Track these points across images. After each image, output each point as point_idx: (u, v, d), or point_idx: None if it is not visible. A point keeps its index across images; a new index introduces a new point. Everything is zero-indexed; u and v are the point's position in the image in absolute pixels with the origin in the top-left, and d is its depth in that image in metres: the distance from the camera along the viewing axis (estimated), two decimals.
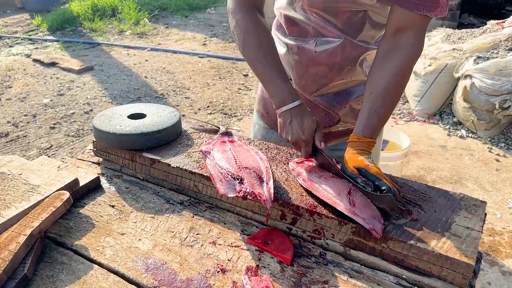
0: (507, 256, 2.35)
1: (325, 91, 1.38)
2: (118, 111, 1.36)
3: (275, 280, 0.90)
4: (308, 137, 1.18)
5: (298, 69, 1.36)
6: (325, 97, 1.39)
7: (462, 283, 0.87)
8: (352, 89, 1.38)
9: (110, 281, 0.90)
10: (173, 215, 1.10)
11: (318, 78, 1.34)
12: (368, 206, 0.97)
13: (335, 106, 1.40)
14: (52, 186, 1.11)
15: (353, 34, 1.24)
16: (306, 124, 1.18)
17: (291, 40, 1.33)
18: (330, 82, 1.34)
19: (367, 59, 1.31)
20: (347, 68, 1.31)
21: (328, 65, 1.30)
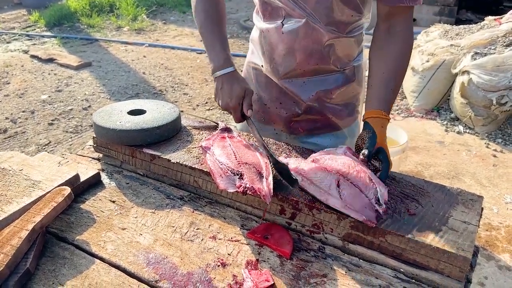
0: (504, 250, 2.37)
1: (294, 76, 1.38)
2: (118, 107, 1.36)
3: (275, 274, 0.91)
4: (235, 104, 1.25)
5: (268, 52, 1.39)
6: (293, 83, 1.39)
7: (459, 276, 0.88)
8: (322, 78, 1.38)
9: (112, 275, 0.91)
10: (173, 210, 1.11)
11: (286, 61, 1.35)
12: (358, 196, 0.97)
13: (302, 94, 1.39)
14: (53, 181, 1.12)
15: (322, 19, 1.25)
16: (234, 91, 1.25)
17: (263, 24, 1.36)
18: (297, 67, 1.35)
19: (336, 48, 1.31)
20: (313, 52, 1.31)
21: (295, 48, 1.31)
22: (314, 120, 1.46)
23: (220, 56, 1.30)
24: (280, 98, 1.43)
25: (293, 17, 1.27)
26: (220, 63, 1.29)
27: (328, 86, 1.39)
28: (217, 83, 1.30)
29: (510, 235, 2.49)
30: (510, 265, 2.27)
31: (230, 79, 1.28)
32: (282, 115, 1.46)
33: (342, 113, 1.46)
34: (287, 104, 1.44)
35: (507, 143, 3.53)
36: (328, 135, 1.49)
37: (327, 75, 1.38)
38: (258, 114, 1.54)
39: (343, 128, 1.49)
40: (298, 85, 1.39)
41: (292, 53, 1.32)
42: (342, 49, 1.33)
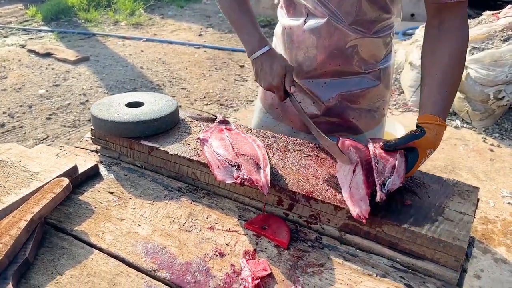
0: (500, 244, 2.39)
1: (315, 76, 1.35)
2: (116, 100, 1.37)
3: (272, 263, 0.92)
4: (278, 83, 1.22)
5: (289, 50, 1.36)
6: (314, 83, 1.36)
7: (455, 265, 0.89)
8: (344, 80, 1.35)
9: (110, 265, 0.92)
10: (171, 201, 1.12)
11: (307, 60, 1.32)
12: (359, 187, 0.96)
13: (322, 95, 1.37)
14: (51, 173, 1.12)
15: (346, 18, 1.22)
16: (275, 70, 1.22)
17: (286, 20, 1.34)
18: (318, 67, 1.32)
19: (360, 48, 1.27)
20: (335, 52, 1.28)
21: (316, 47, 1.28)
22: (333, 122, 1.42)
23: (253, 37, 1.28)
24: (299, 96, 1.40)
25: (315, 15, 1.25)
26: (255, 44, 1.27)
27: (350, 88, 1.35)
28: (256, 65, 1.28)
29: (506, 229, 2.51)
30: (506, 258, 2.29)
31: (268, 58, 1.25)
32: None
33: (365, 116, 1.42)
34: (306, 104, 1.40)
35: (504, 137, 3.54)
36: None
37: (350, 77, 1.34)
38: (276, 111, 1.51)
39: (365, 132, 1.45)
40: (319, 86, 1.35)
41: (313, 52, 1.30)
42: (367, 50, 1.29)
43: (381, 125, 1.49)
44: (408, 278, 0.89)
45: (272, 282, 0.87)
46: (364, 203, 0.92)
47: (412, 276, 0.89)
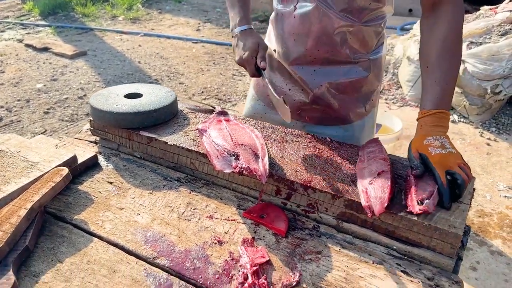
0: (496, 236, 2.41)
1: (304, 63, 1.35)
2: (115, 91, 1.37)
3: (270, 251, 0.93)
4: (248, 57, 1.26)
5: (280, 36, 1.38)
6: (303, 70, 1.36)
7: (451, 252, 0.90)
8: (333, 68, 1.34)
9: (110, 252, 0.93)
10: (170, 191, 1.13)
11: (296, 46, 1.33)
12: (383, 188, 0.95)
13: (311, 82, 1.37)
14: (50, 162, 1.12)
15: (336, 4, 1.21)
16: (248, 45, 1.27)
17: (279, 6, 1.36)
18: (307, 53, 1.32)
19: (350, 36, 1.27)
20: (323, 39, 1.28)
21: (305, 33, 1.29)
22: (322, 111, 1.43)
23: (237, 15, 1.34)
24: (290, 84, 1.42)
25: (306, 1, 1.26)
26: (236, 21, 1.33)
27: (339, 77, 1.35)
28: (234, 40, 1.34)
29: (502, 221, 2.53)
30: (502, 250, 2.31)
31: (244, 35, 1.30)
32: (290, 102, 1.42)
33: (353, 106, 1.42)
34: (295, 91, 1.42)
35: (501, 132, 3.56)
36: (336, 128, 1.45)
37: (339, 66, 1.34)
38: (267, 99, 1.52)
39: (353, 122, 1.45)
40: (308, 73, 1.36)
41: (302, 38, 1.30)
42: (356, 39, 1.28)
43: (370, 116, 1.49)
44: (405, 265, 0.90)
45: (270, 269, 0.88)
46: (381, 204, 0.91)
47: (408, 263, 0.91)
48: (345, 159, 1.15)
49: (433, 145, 1.00)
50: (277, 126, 1.34)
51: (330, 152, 1.19)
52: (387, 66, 4.54)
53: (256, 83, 1.58)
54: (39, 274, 0.88)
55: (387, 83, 4.38)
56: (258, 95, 1.58)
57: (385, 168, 1.01)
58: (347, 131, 1.45)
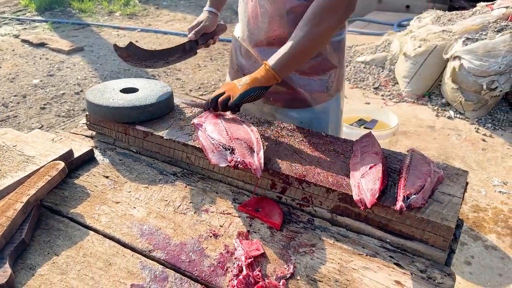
0: (490, 231, 2.43)
1: (266, 44, 1.42)
2: (111, 85, 1.37)
3: (265, 244, 0.94)
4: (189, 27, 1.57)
5: (242, 20, 1.46)
6: (266, 51, 1.41)
7: (443, 245, 0.92)
8: None
9: (106, 245, 0.94)
10: (166, 185, 1.13)
11: (256, 29, 1.41)
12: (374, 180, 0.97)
13: None
14: (47, 157, 1.13)
15: None
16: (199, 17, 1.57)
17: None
18: (266, 34, 1.39)
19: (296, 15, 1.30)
20: (276, 19, 1.34)
21: (261, 14, 1.36)
22: (288, 93, 1.48)
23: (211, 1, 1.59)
24: (256, 68, 1.44)
25: None
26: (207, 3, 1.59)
27: None
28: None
29: (497, 216, 2.55)
30: (496, 245, 2.32)
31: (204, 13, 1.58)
32: None
33: (317, 88, 1.47)
34: None
35: (496, 127, 3.58)
36: (303, 110, 1.50)
37: None
38: None
39: (317, 105, 1.49)
40: (270, 55, 1.35)
41: (260, 20, 1.38)
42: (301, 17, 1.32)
43: (335, 100, 1.53)
44: (398, 258, 0.91)
45: (265, 261, 0.89)
46: (372, 195, 0.93)
47: (401, 255, 0.92)
48: (340, 153, 1.16)
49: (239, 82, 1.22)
50: (274, 121, 1.35)
51: (325, 146, 1.19)
52: (384, 62, 4.55)
53: (233, 71, 1.65)
54: (35, 266, 0.88)
55: (383, 79, 4.39)
56: None
57: (377, 162, 1.02)
58: (313, 114, 1.50)
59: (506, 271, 2.16)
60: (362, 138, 1.20)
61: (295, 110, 1.50)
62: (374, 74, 4.51)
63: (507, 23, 3.70)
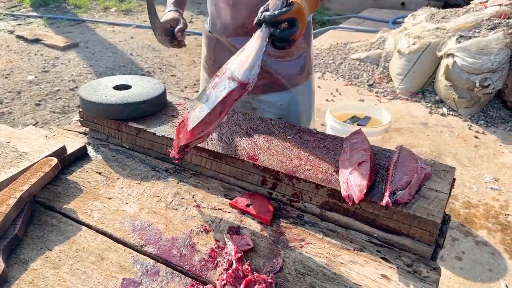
0: (481, 227, 2.46)
1: (241, 34, 1.45)
2: (104, 82, 1.38)
3: (255, 239, 0.95)
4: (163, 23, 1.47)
5: (216, 11, 1.48)
6: (240, 41, 1.45)
7: (429, 240, 0.94)
8: None
9: (98, 240, 0.95)
10: (158, 181, 1.15)
11: (232, 18, 1.43)
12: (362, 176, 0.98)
13: None
14: (40, 153, 1.14)
15: None
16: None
17: None
18: (244, 22, 1.42)
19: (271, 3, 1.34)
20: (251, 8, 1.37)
21: (237, 4, 1.40)
22: (264, 78, 1.52)
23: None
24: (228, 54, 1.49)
25: None
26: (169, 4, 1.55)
27: None
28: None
29: (488, 213, 2.58)
30: (487, 241, 2.35)
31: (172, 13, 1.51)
32: None
33: (291, 70, 1.54)
34: None
35: (489, 124, 3.61)
36: (281, 93, 1.57)
37: None
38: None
39: (294, 87, 1.57)
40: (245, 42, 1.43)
41: (235, 10, 1.41)
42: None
43: (308, 83, 1.62)
44: (384, 252, 0.93)
45: (255, 256, 0.91)
46: (360, 191, 0.95)
47: (388, 250, 0.94)
48: (330, 150, 1.17)
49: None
50: (265, 118, 1.36)
51: (316, 143, 1.21)
52: (378, 59, 4.57)
53: (208, 66, 1.68)
54: (29, 261, 0.90)
55: (377, 76, 4.41)
56: (210, 76, 1.67)
57: (366, 158, 1.03)
58: (291, 96, 1.58)
59: (496, 267, 2.19)
60: (352, 135, 1.22)
61: (273, 94, 1.57)
62: (369, 71, 4.53)
63: (500, 21, 3.73)
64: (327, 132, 2.74)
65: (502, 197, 2.73)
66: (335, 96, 4.16)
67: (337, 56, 5.04)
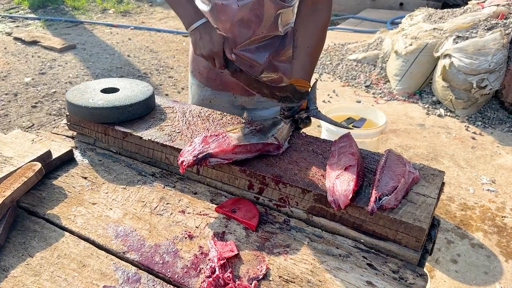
0: (477, 229, 2.44)
1: (248, 44, 1.50)
2: (92, 85, 1.37)
3: (240, 245, 0.94)
4: (219, 49, 1.31)
5: (223, 25, 1.44)
6: (247, 50, 1.51)
7: (415, 246, 0.92)
8: (270, 41, 1.52)
9: (81, 247, 0.94)
10: (144, 186, 1.13)
11: (241, 32, 1.45)
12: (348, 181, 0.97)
13: (258, 58, 1.53)
14: (24, 158, 1.13)
15: None
16: (215, 38, 1.31)
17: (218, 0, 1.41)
18: (252, 36, 1.47)
19: (282, 16, 1.46)
20: (267, 22, 1.44)
21: (250, 20, 1.41)
22: (269, 78, 1.60)
23: (189, 10, 1.34)
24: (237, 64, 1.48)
25: None
26: (192, 16, 1.33)
27: (277, 47, 1.55)
28: (194, 35, 1.33)
29: (484, 215, 2.56)
30: (483, 243, 2.34)
31: (206, 28, 1.32)
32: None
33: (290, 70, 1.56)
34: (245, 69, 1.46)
35: (486, 126, 3.59)
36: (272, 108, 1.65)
37: (273, 38, 1.52)
38: (215, 82, 1.62)
39: None
40: (252, 51, 1.52)
41: (246, 25, 1.42)
42: (285, 17, 1.49)
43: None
44: (371, 258, 0.92)
45: (239, 263, 0.90)
46: (345, 196, 0.93)
47: (374, 256, 0.92)
48: (318, 154, 1.16)
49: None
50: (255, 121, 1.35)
51: (304, 146, 1.20)
52: (376, 60, 4.55)
53: (199, 72, 1.65)
54: (9, 268, 0.88)
55: (375, 77, 4.40)
56: (203, 83, 1.65)
57: (352, 163, 1.02)
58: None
59: (492, 270, 2.17)
60: (341, 138, 1.21)
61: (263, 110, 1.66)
62: (366, 72, 4.52)
63: (497, 21, 3.71)
64: (322, 134, 2.72)
65: (499, 199, 2.71)
66: (332, 97, 4.14)
67: (334, 57, 5.02)
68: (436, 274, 2.14)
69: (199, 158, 1.03)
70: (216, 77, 1.61)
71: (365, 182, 1.03)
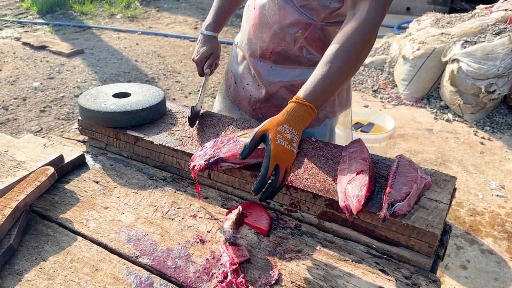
0: (487, 235, 2.42)
1: (262, 57, 1.38)
2: (104, 90, 1.38)
3: (252, 250, 0.94)
4: (199, 60, 1.46)
5: (243, 27, 1.46)
6: (261, 65, 1.40)
7: (428, 251, 0.92)
8: (288, 69, 1.36)
9: (93, 251, 0.94)
10: (155, 190, 1.14)
11: (255, 38, 1.38)
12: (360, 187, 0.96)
13: (266, 78, 1.39)
14: (37, 162, 1.14)
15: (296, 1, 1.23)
16: (203, 50, 1.46)
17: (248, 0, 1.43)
18: (264, 45, 1.35)
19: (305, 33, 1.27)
20: (277, 32, 1.29)
21: (263, 24, 1.33)
22: (275, 110, 1.31)
23: (210, 19, 1.48)
24: (248, 78, 1.48)
25: None
26: (207, 24, 1.48)
27: (293, 78, 1.36)
28: (198, 38, 1.50)
29: (494, 220, 2.54)
30: (493, 249, 2.32)
31: (206, 40, 1.48)
32: (247, 96, 1.49)
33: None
34: (252, 87, 1.47)
35: (495, 130, 3.57)
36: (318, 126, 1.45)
37: (294, 66, 1.35)
38: (231, 95, 1.58)
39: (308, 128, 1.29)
40: (265, 68, 1.40)
41: (260, 29, 1.35)
42: (313, 39, 1.28)
43: (324, 125, 1.46)
44: (383, 264, 0.91)
45: (251, 267, 0.90)
46: (358, 202, 0.93)
47: (386, 262, 0.92)
48: (329, 159, 1.16)
49: (284, 135, 0.93)
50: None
51: (314, 152, 1.20)
52: (383, 65, 4.55)
53: (223, 81, 1.65)
54: (23, 272, 0.89)
55: (382, 82, 4.39)
56: (224, 93, 1.64)
57: (364, 168, 1.02)
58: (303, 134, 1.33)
59: (502, 276, 2.16)
60: (351, 143, 1.20)
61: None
62: (373, 76, 4.51)
63: (506, 26, 3.70)
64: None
65: (508, 204, 2.69)
66: None
67: None
68: (445, 280, 2.12)
69: (211, 163, 1.04)
70: (233, 89, 1.55)
71: (377, 187, 1.03)
